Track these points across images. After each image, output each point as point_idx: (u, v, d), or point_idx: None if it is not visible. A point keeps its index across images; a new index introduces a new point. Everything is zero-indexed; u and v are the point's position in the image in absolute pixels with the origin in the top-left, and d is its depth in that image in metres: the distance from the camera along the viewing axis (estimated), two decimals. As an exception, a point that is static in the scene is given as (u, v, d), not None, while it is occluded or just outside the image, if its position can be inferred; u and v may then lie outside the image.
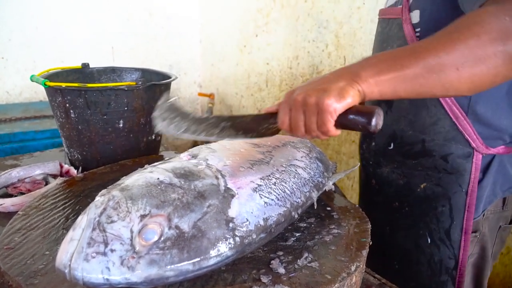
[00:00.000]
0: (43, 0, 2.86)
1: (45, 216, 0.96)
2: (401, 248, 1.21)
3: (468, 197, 1.07)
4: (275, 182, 0.89)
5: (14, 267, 0.77)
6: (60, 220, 0.95)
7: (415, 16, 1.01)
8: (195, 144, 3.96)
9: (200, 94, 3.77)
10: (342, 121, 0.76)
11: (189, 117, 0.86)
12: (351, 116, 0.75)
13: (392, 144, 1.17)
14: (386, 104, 1.11)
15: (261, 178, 0.88)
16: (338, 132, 0.78)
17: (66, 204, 1.02)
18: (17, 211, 1.01)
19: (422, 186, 1.12)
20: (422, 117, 1.07)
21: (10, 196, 1.23)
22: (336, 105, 0.73)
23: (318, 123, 0.76)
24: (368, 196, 1.32)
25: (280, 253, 0.84)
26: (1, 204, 1.14)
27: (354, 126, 0.76)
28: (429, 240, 1.14)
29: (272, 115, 0.83)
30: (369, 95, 0.76)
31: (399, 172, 1.18)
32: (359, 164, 1.10)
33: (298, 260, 0.81)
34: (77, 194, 1.08)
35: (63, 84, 1.24)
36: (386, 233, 1.24)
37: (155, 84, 1.35)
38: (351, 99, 0.74)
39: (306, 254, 0.83)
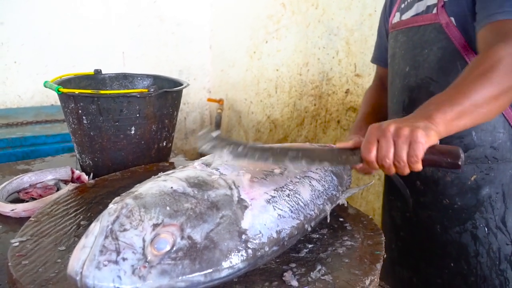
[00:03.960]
0: (56, 6, 2.89)
1: (56, 223, 0.96)
2: (457, 244, 1.21)
3: None
4: (288, 194, 0.89)
5: (26, 275, 0.76)
6: (71, 227, 0.95)
7: (453, 20, 1.10)
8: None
9: (209, 100, 3.78)
10: (427, 158, 0.81)
11: (247, 145, 0.88)
12: (436, 155, 0.82)
13: (438, 141, 1.18)
14: None
15: (275, 190, 0.87)
16: (421, 167, 0.83)
17: (78, 211, 1.02)
18: (29, 217, 1.01)
19: (472, 178, 1.16)
20: None
21: (22, 201, 1.23)
22: (426, 139, 0.80)
23: (409, 153, 0.80)
24: (412, 199, 1.31)
25: (293, 265, 0.83)
26: (12, 210, 1.14)
27: (440, 163, 0.83)
28: (486, 229, 1.16)
29: (349, 149, 0.88)
30: (441, 134, 0.86)
31: (445, 169, 1.19)
32: (373, 181, 1.10)
33: (311, 273, 0.80)
34: (89, 201, 1.08)
35: (76, 91, 1.25)
36: (437, 233, 1.24)
37: (167, 91, 1.35)
38: (434, 137, 0.82)
39: (319, 267, 0.82)
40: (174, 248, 0.69)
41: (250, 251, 0.76)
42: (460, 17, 1.09)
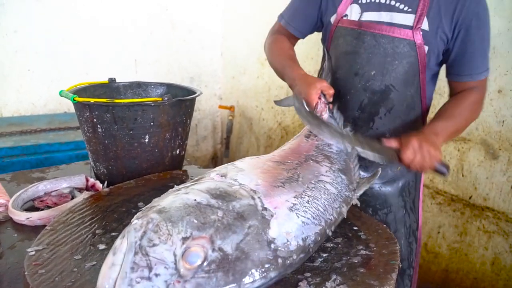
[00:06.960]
0: (69, 13, 2.92)
1: (72, 231, 0.97)
2: (383, 223, 1.34)
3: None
4: (308, 200, 0.89)
5: (43, 284, 0.77)
6: (87, 236, 0.95)
7: (426, 48, 1.29)
8: (214, 156, 3.97)
9: (221, 107, 3.78)
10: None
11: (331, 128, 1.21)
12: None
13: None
14: (386, 108, 1.35)
15: (294, 197, 0.88)
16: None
17: (93, 220, 1.03)
18: (44, 225, 1.02)
19: (398, 168, 1.43)
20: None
21: (37, 209, 1.24)
22: (439, 155, 1.15)
23: (430, 164, 1.14)
24: None
25: (308, 274, 0.83)
26: (28, 218, 1.15)
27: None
28: (404, 210, 1.46)
29: (394, 150, 1.14)
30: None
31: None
32: (380, 170, 1.21)
33: (327, 283, 0.80)
34: (104, 209, 1.09)
35: (92, 100, 1.26)
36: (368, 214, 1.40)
37: (180, 100, 1.36)
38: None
39: (334, 277, 0.81)
40: (207, 261, 0.69)
41: (280, 260, 0.76)
42: (433, 47, 1.28)
